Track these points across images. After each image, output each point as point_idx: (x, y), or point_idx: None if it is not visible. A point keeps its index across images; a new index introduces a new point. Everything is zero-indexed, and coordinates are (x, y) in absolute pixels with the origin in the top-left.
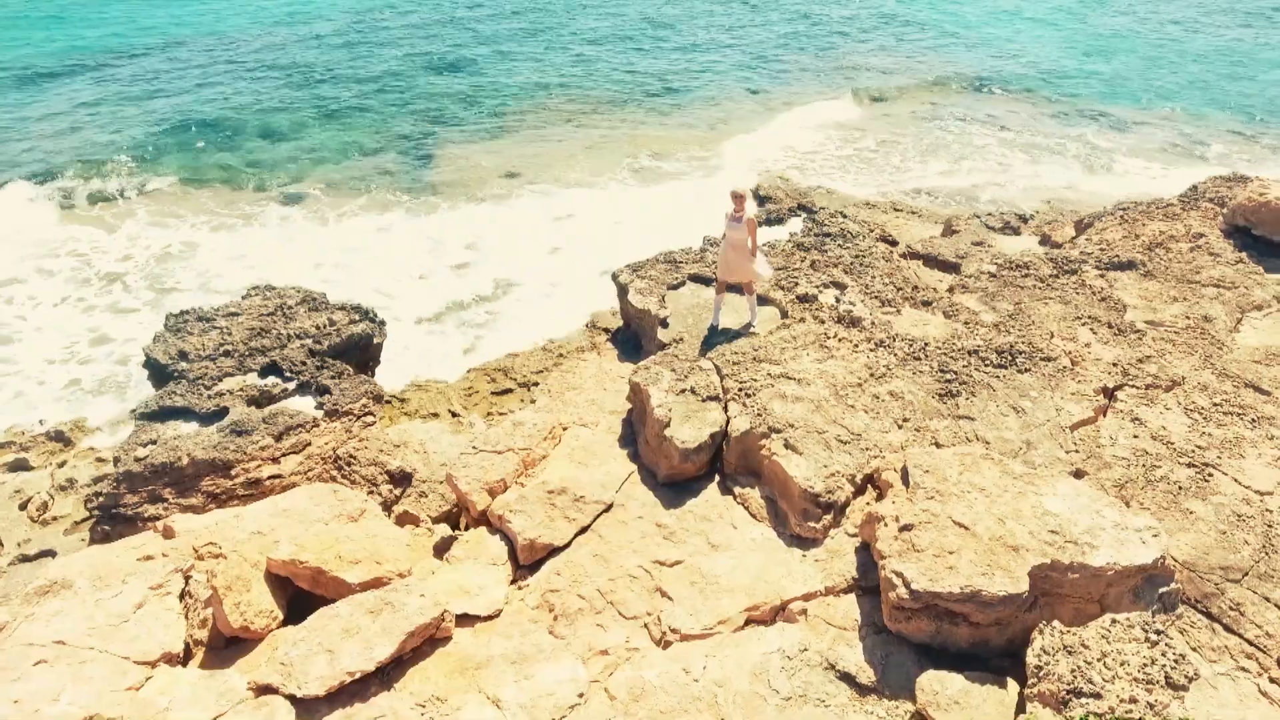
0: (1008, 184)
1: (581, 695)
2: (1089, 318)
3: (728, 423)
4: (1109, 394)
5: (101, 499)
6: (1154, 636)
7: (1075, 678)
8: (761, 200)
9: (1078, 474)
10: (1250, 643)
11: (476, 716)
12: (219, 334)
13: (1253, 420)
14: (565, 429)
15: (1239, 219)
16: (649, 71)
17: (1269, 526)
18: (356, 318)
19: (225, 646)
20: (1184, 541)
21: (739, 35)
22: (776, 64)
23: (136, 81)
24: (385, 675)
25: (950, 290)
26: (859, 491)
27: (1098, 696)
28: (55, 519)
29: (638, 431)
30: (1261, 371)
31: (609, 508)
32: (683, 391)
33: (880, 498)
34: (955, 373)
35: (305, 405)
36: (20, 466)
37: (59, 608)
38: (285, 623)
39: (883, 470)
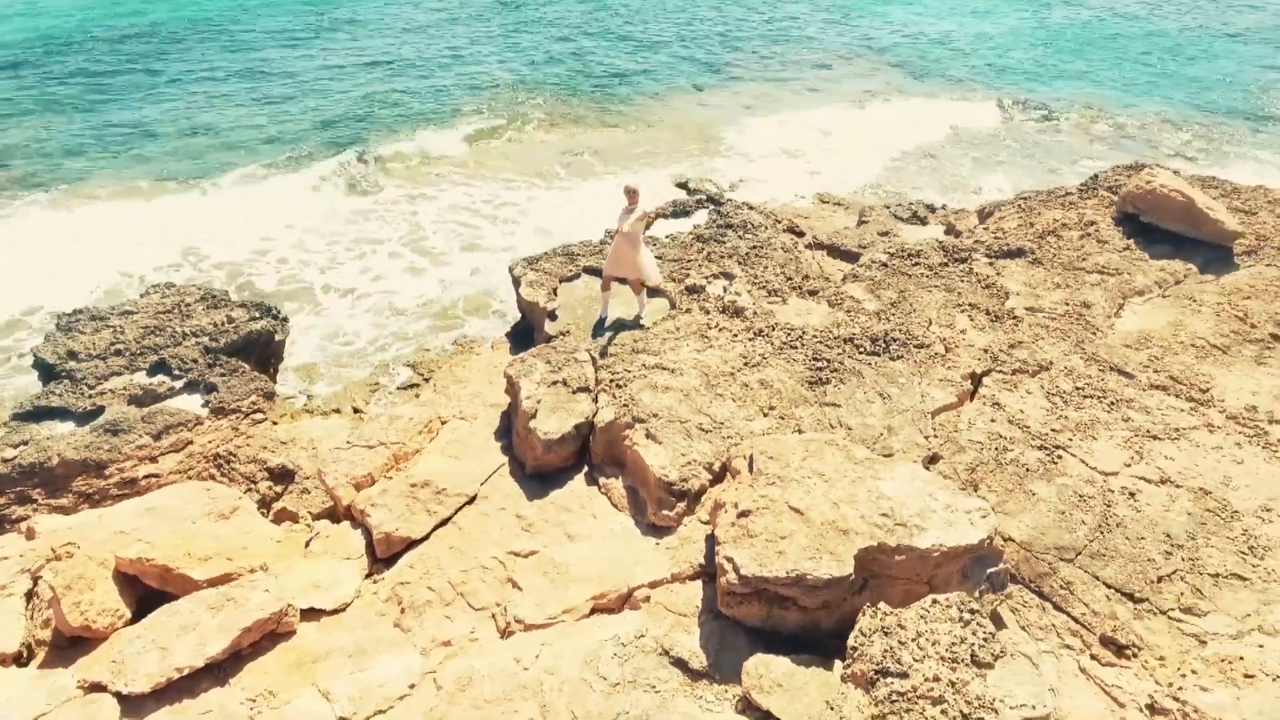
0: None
1: (412, 686)
2: (969, 305)
3: (596, 414)
4: (977, 380)
5: None
6: (967, 616)
7: (885, 658)
8: (692, 194)
9: (933, 458)
10: (1076, 620)
11: (305, 709)
12: (111, 333)
13: (1111, 403)
14: (445, 423)
15: (1128, 206)
16: (605, 68)
17: (1108, 506)
18: (257, 315)
19: (70, 646)
20: (1023, 522)
21: (695, 32)
22: (740, 64)
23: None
24: (221, 671)
25: (844, 280)
26: (717, 479)
27: (904, 676)
28: None
29: (513, 424)
30: (1129, 355)
31: (472, 500)
32: (554, 383)
33: None
34: (828, 360)
35: (192, 404)
36: None
37: None
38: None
39: (733, 458)
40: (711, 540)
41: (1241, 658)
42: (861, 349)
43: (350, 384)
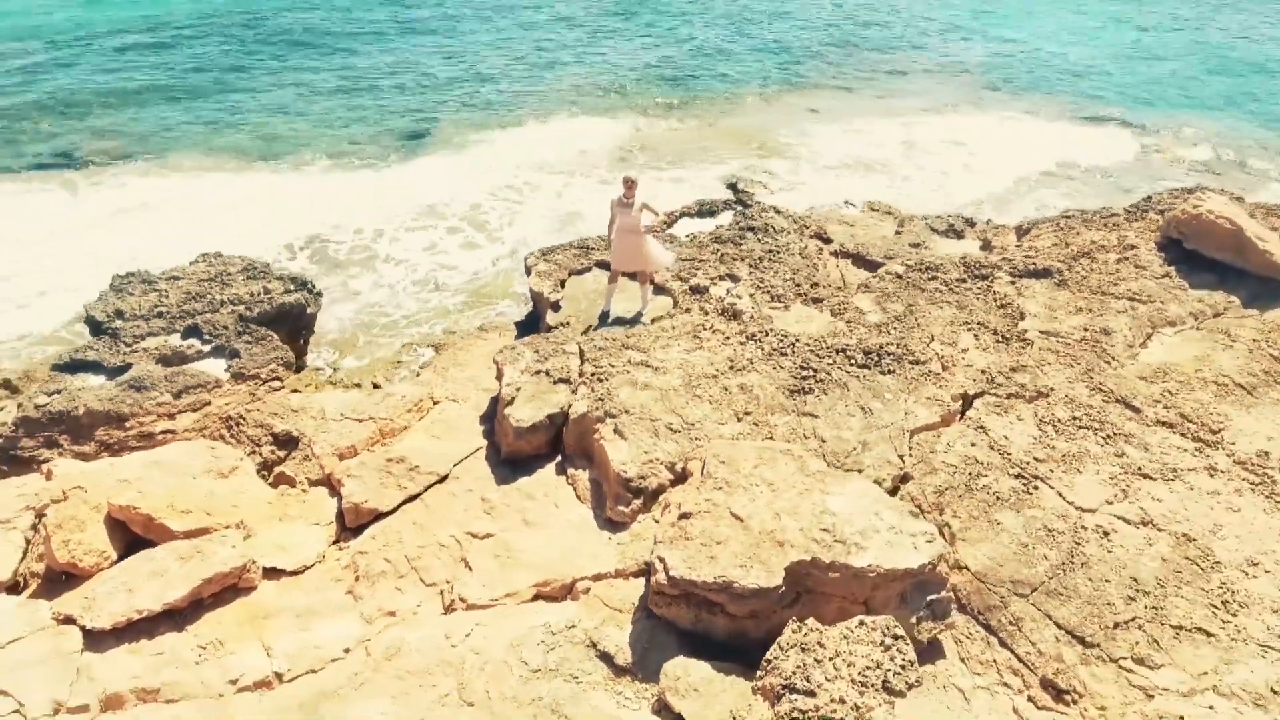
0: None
1: (347, 650)
2: (978, 324)
3: (571, 405)
4: (968, 401)
5: (1, 441)
6: (889, 641)
7: (795, 674)
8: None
9: (904, 478)
10: (1020, 659)
11: (246, 661)
12: (157, 296)
13: (1107, 436)
14: (436, 403)
15: (1172, 231)
16: (673, 67)
17: (1077, 544)
18: (292, 288)
19: (61, 581)
20: (982, 551)
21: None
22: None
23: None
24: (182, 617)
25: (855, 290)
26: (679, 480)
27: (811, 694)
28: None
29: (498, 409)
30: (1141, 387)
31: (444, 479)
32: (538, 373)
33: None
34: (814, 370)
35: (216, 368)
36: None
37: None
38: None
39: (691, 459)
40: None
41: (1183, 717)
42: (853, 360)
43: (375, 360)
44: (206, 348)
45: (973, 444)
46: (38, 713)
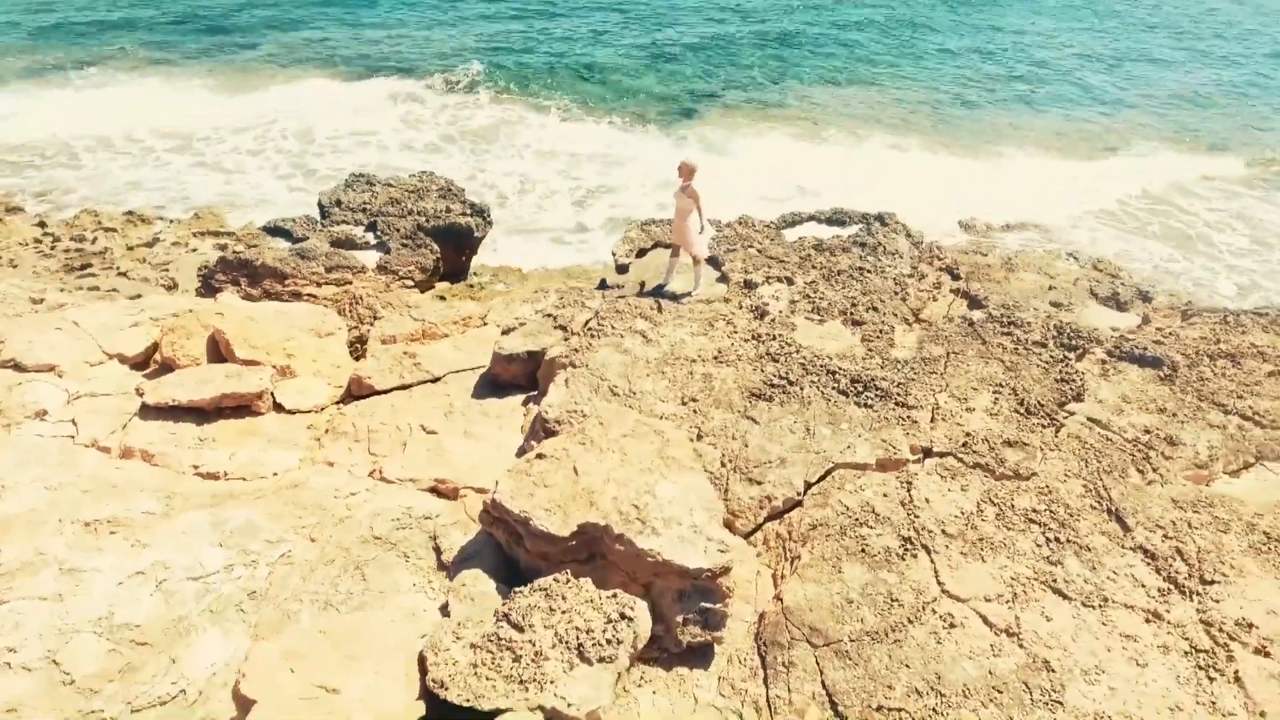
0: None
1: (275, 474)
2: (1011, 390)
3: (550, 348)
4: (926, 455)
5: (204, 271)
6: (615, 618)
7: (518, 609)
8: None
9: (796, 504)
10: (769, 700)
11: (214, 458)
12: (370, 195)
13: (1055, 539)
14: (485, 324)
15: None
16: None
17: (909, 621)
18: (468, 212)
19: (168, 370)
20: (804, 591)
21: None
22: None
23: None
24: (203, 416)
25: (912, 324)
26: None
27: (519, 629)
28: None
29: None
30: (1155, 509)
31: (435, 380)
32: (548, 315)
33: None
34: (790, 381)
35: (370, 258)
36: (220, 247)
37: (100, 307)
38: None
39: (589, 417)
40: None
41: None
42: (836, 385)
43: (516, 290)
44: (373, 241)
45: (884, 495)
46: (82, 440)
